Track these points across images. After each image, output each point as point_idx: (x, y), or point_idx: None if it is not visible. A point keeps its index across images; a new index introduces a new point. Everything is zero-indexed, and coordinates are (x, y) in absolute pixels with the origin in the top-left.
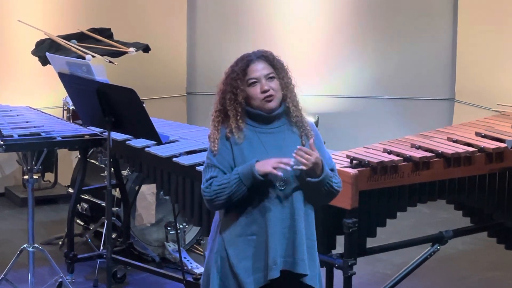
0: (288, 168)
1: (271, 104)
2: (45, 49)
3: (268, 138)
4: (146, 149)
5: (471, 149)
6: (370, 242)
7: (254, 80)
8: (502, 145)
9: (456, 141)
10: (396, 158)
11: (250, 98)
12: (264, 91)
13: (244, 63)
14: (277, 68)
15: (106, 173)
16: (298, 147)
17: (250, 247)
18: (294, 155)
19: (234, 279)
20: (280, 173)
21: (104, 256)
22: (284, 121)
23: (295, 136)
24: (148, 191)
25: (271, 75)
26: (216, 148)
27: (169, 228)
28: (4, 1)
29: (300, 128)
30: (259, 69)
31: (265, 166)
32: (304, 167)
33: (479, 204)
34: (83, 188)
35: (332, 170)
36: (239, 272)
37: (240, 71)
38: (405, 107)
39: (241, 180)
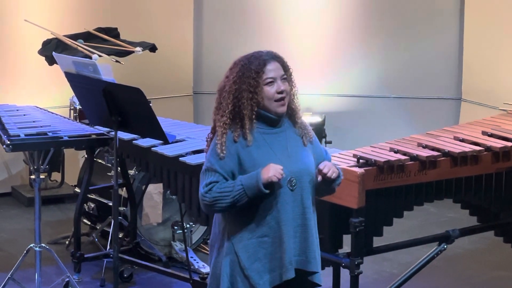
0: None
1: (283, 108)
2: (51, 49)
3: (273, 139)
4: (152, 148)
5: (478, 148)
6: (377, 241)
7: (271, 80)
8: (509, 144)
9: (462, 140)
10: (403, 157)
11: (264, 98)
12: (280, 92)
13: (260, 62)
14: (287, 71)
15: (112, 173)
16: (324, 163)
17: (261, 248)
18: (321, 169)
19: (244, 282)
20: (276, 179)
21: (111, 255)
22: (286, 122)
23: (296, 136)
24: (154, 190)
25: (284, 77)
26: (224, 153)
27: (176, 227)
28: (11, 0)
29: (300, 128)
30: (276, 69)
31: (264, 174)
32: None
33: (485, 203)
34: (90, 188)
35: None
36: (251, 275)
37: (258, 69)
38: (412, 106)
39: (245, 191)
